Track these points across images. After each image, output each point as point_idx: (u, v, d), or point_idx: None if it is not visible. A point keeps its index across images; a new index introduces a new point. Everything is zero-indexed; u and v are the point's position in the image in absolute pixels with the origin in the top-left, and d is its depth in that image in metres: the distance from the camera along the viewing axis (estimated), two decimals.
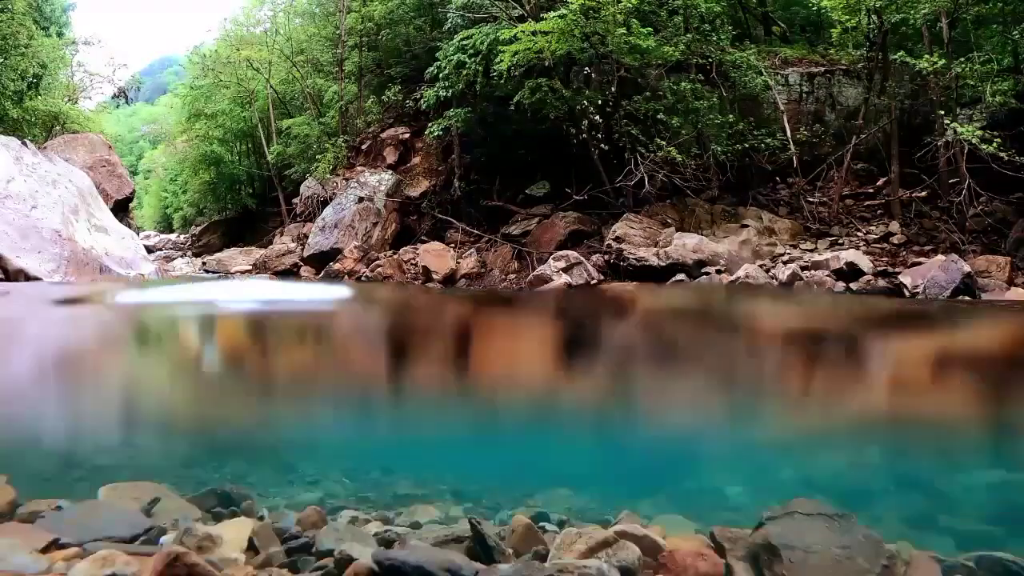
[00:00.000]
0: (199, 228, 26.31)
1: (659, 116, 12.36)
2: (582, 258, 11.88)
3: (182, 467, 4.24)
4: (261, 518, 3.21)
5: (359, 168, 16.66)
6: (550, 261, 11.92)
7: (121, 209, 17.87)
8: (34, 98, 20.33)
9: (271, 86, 22.05)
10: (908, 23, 11.98)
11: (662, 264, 11.14)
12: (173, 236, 29.20)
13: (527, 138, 13.94)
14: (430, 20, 16.77)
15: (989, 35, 11.52)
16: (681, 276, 10.88)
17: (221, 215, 25.90)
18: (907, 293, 9.30)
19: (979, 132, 9.89)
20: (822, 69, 14.02)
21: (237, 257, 17.44)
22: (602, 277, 11.57)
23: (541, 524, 3.27)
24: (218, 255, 18.33)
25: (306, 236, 16.10)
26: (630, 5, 11.77)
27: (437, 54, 14.46)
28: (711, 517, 3.13)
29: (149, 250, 15.52)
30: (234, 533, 2.71)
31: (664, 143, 11.92)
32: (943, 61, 10.53)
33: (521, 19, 13.13)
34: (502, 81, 12.73)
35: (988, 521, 3.41)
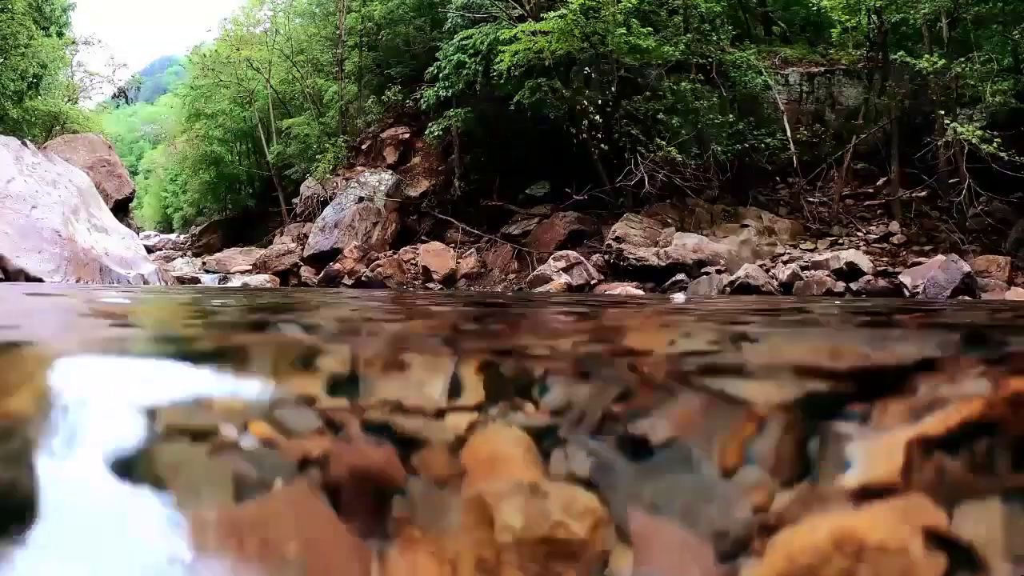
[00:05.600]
0: (199, 228, 26.28)
1: (659, 116, 12.37)
2: (582, 258, 11.88)
3: None
4: None
5: (359, 168, 16.66)
6: (550, 261, 11.92)
7: (121, 209, 17.86)
8: (34, 98, 20.32)
9: (271, 86, 22.05)
10: (908, 23, 11.99)
11: (662, 264, 11.14)
12: (173, 236, 29.17)
13: (527, 138, 13.95)
14: (430, 20, 16.76)
15: (989, 35, 11.52)
16: (681, 276, 10.89)
17: (221, 215, 25.88)
18: (907, 293, 9.31)
19: (979, 132, 9.90)
20: (822, 69, 14.03)
21: (237, 257, 17.43)
22: (602, 277, 11.58)
23: None
24: (218, 255, 18.32)
25: (306, 236, 16.10)
26: (630, 5, 11.77)
27: (437, 54, 14.47)
28: None
29: (149, 250, 15.51)
30: None
31: (664, 143, 11.92)
32: (943, 61, 10.53)
33: (521, 19, 13.13)
34: (502, 81, 12.73)
35: None
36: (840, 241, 11.51)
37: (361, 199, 15.45)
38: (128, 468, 0.83)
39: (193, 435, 0.91)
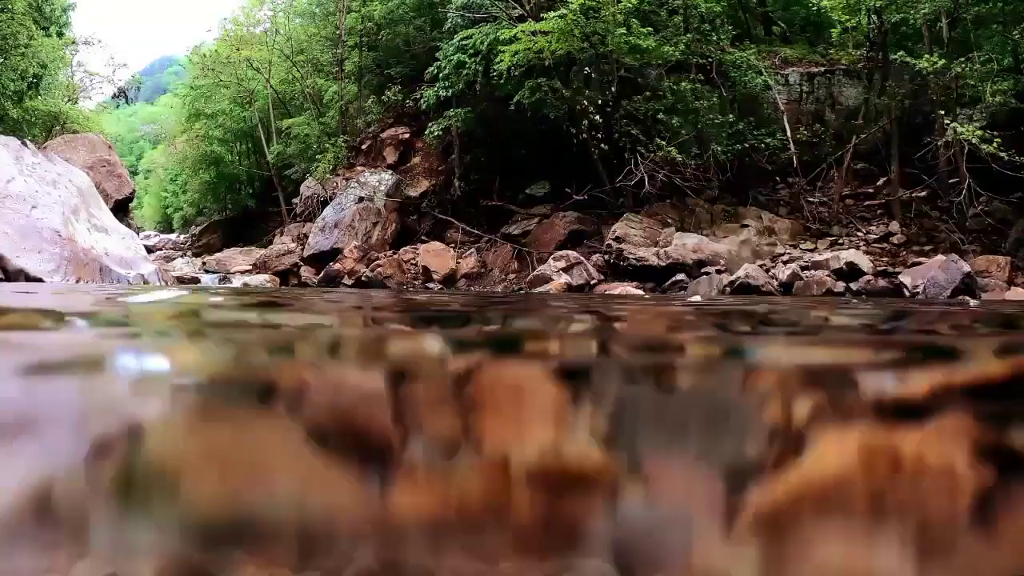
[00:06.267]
0: (199, 228, 26.27)
1: (659, 116, 12.37)
2: (582, 258, 11.88)
3: None
4: None
5: (359, 168, 16.66)
6: (550, 261, 11.92)
7: (121, 209, 17.85)
8: (34, 98, 20.32)
9: (271, 86, 22.05)
10: (908, 23, 11.99)
11: (662, 264, 11.14)
12: (173, 236, 29.16)
13: (527, 138, 13.94)
14: (430, 20, 16.76)
15: (989, 35, 11.53)
16: (681, 276, 10.89)
17: (221, 215, 25.87)
18: (907, 293, 9.31)
19: (979, 132, 9.89)
20: (822, 69, 14.02)
21: (237, 257, 17.42)
22: (602, 277, 11.58)
23: None
24: (218, 255, 18.31)
25: (306, 236, 16.10)
26: (630, 5, 11.77)
27: (437, 54, 14.46)
28: None
29: (149, 250, 15.50)
30: None
31: (664, 143, 11.92)
32: (943, 61, 10.53)
33: (521, 19, 13.13)
34: (502, 81, 12.73)
35: None
36: (840, 241, 11.51)
37: (361, 199, 15.45)
38: None
39: None
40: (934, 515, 0.74)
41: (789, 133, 12.57)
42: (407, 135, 16.88)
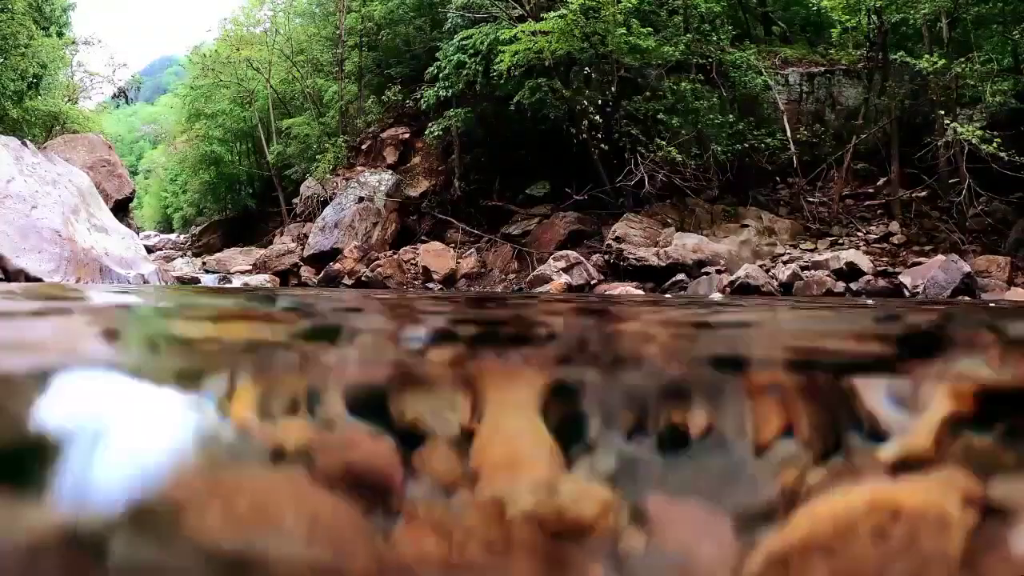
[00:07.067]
0: (199, 228, 26.27)
1: (659, 116, 12.36)
2: (582, 258, 11.88)
3: None
4: None
5: (359, 168, 16.65)
6: (550, 261, 11.92)
7: (121, 209, 17.83)
8: (34, 98, 20.30)
9: (271, 86, 22.04)
10: (908, 23, 11.99)
11: (662, 264, 11.14)
12: (173, 236, 29.17)
13: (527, 138, 13.95)
14: (430, 20, 16.76)
15: (989, 35, 11.52)
16: (681, 276, 10.89)
17: (221, 215, 25.86)
18: (907, 293, 9.31)
19: (979, 132, 9.89)
20: (822, 69, 14.02)
21: (237, 257, 17.42)
22: (602, 277, 11.57)
23: None
24: (218, 255, 18.30)
25: (306, 236, 16.09)
26: (630, 5, 11.77)
27: (437, 54, 14.46)
28: None
29: (149, 250, 15.48)
30: None
31: (664, 143, 11.92)
32: (943, 61, 10.53)
33: (521, 19, 13.12)
34: (502, 81, 12.73)
35: None
36: (840, 241, 11.51)
37: (361, 199, 15.45)
38: None
39: None
40: None
41: (789, 133, 12.57)
42: (407, 135, 16.88)
